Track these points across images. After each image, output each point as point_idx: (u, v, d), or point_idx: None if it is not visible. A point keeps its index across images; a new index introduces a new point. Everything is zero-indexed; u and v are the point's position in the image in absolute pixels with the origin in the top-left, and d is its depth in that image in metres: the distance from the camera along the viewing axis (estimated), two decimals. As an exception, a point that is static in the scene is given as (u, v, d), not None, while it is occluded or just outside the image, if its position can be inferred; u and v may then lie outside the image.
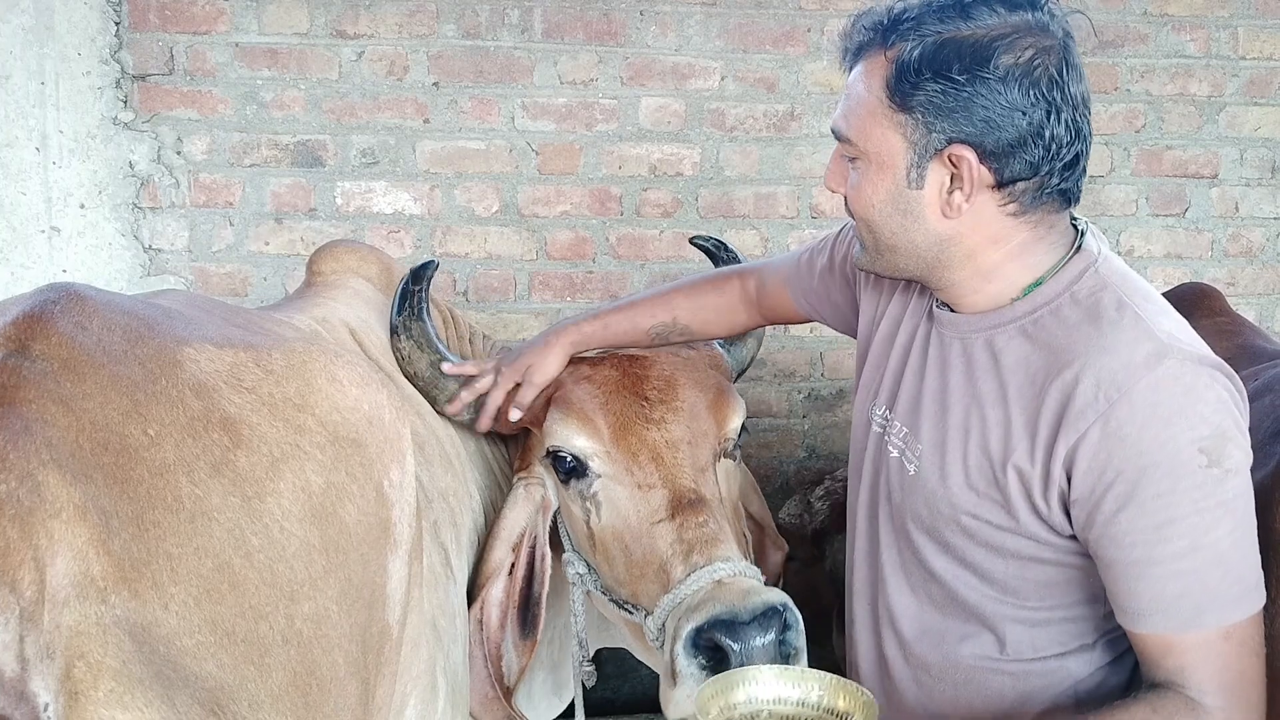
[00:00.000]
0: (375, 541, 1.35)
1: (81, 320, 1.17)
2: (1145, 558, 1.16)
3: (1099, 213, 3.32)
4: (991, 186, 1.25)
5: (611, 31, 3.08)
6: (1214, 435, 1.15)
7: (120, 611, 0.96)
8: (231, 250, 3.01)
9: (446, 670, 1.61)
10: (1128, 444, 1.16)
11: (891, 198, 1.29)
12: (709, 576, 1.50)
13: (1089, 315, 1.24)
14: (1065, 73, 1.21)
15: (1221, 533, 1.15)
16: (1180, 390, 1.16)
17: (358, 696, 1.29)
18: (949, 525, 1.33)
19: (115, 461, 1.06)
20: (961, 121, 1.21)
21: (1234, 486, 1.16)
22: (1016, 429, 1.25)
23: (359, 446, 1.35)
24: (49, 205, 2.89)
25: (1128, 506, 1.16)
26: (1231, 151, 3.36)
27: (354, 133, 3.02)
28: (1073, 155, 1.23)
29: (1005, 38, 1.19)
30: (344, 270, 1.94)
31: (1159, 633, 1.18)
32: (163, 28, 2.92)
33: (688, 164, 3.15)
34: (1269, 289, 3.42)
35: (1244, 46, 3.32)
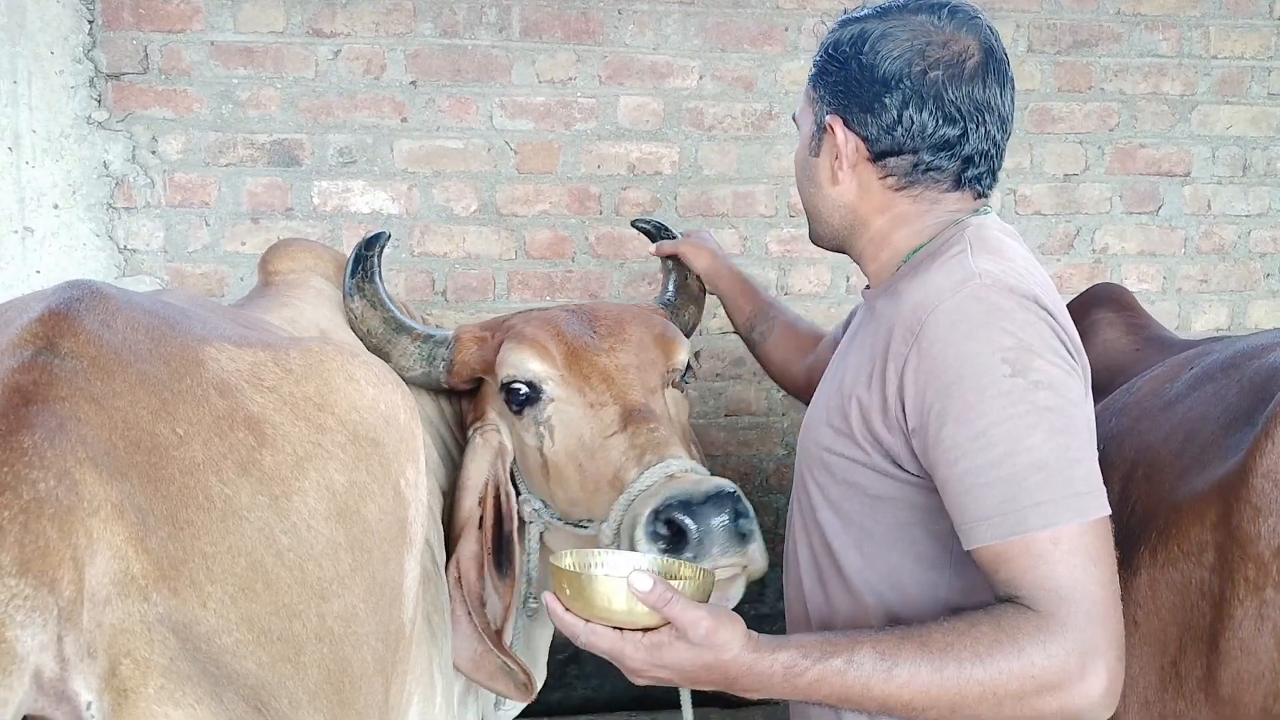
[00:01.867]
0: (394, 540, 1.35)
1: (106, 318, 1.17)
2: (966, 469, 1.18)
3: (1073, 210, 3.35)
4: (869, 160, 1.39)
5: (590, 30, 3.08)
6: (1017, 347, 1.19)
7: (162, 609, 0.96)
8: (208, 250, 2.99)
9: (441, 666, 1.63)
10: (937, 362, 1.21)
11: (802, 164, 1.49)
12: (662, 472, 1.56)
13: (929, 262, 1.33)
14: (945, 69, 1.33)
15: (1038, 438, 1.16)
16: (982, 309, 1.22)
17: (384, 693, 1.30)
18: (817, 464, 1.40)
19: (148, 460, 1.06)
20: (839, 94, 1.38)
21: (1046, 397, 1.18)
22: (862, 364, 1.34)
23: (377, 445, 1.36)
24: (22, 205, 2.86)
25: (946, 422, 1.20)
26: (1204, 149, 3.40)
27: (331, 132, 3.01)
28: (942, 139, 1.35)
29: (895, 28, 1.35)
30: (302, 269, 1.91)
31: (988, 543, 1.18)
32: (137, 26, 2.89)
33: (666, 163, 3.15)
34: (1241, 285, 3.47)
35: (1215, 45, 3.36)
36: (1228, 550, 1.39)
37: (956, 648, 1.14)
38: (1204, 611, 1.42)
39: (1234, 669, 1.36)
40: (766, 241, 3.22)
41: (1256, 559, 1.34)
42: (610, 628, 1.18)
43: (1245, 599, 1.35)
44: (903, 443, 1.27)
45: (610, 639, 1.18)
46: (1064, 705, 1.14)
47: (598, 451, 1.67)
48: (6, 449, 0.94)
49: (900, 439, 1.28)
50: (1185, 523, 1.46)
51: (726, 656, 1.15)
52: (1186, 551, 1.45)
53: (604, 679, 3.21)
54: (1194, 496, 1.47)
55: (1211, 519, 1.42)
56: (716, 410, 3.27)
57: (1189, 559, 1.44)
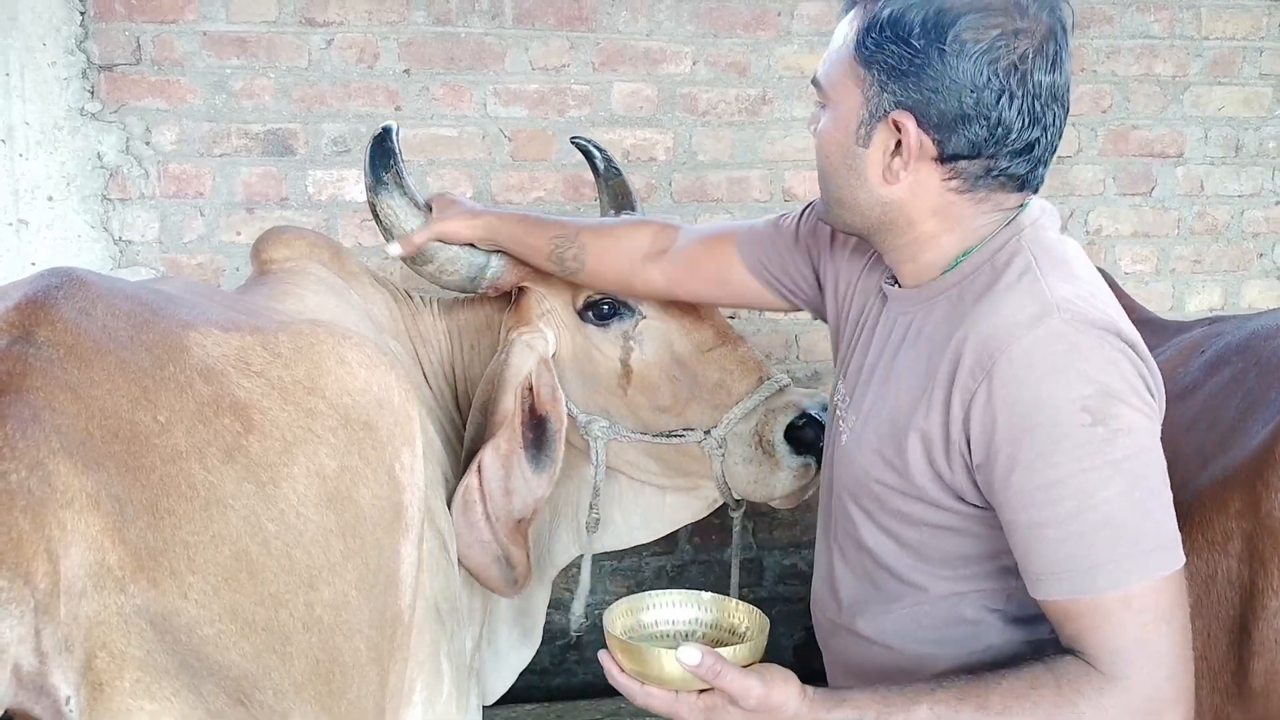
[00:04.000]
0: (389, 525, 1.33)
1: (85, 306, 1.15)
2: (1036, 520, 1.15)
3: (1067, 192, 3.36)
4: (935, 159, 1.24)
5: (582, 17, 3.08)
6: (1098, 394, 1.12)
7: (140, 601, 0.94)
8: (203, 241, 2.99)
9: (450, 654, 1.61)
10: (1009, 405, 1.15)
11: (842, 151, 1.30)
12: (775, 386, 1.83)
13: (993, 279, 1.24)
14: (1032, 59, 1.19)
15: (1111, 493, 1.11)
16: (1062, 349, 1.14)
17: (378, 682, 1.28)
18: (865, 493, 1.34)
19: (126, 449, 1.04)
20: (910, 88, 1.21)
21: (1124, 446, 1.12)
22: (918, 393, 1.26)
23: (370, 429, 1.33)
24: (16, 198, 2.86)
25: (1016, 468, 1.15)
26: (1196, 131, 3.40)
27: (325, 121, 3.01)
28: (1024, 143, 1.22)
29: (974, 12, 1.18)
30: (299, 256, 1.88)
31: (1056, 598, 1.16)
32: (129, 17, 2.88)
33: (660, 149, 3.16)
34: (1234, 266, 3.48)
35: (1207, 27, 3.36)
36: (1257, 539, 1.36)
37: (1014, 711, 1.12)
38: (1232, 601, 1.40)
39: (1267, 660, 1.34)
40: (761, 227, 3.22)
41: None
42: (667, 690, 1.19)
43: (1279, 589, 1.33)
44: (965, 476, 1.23)
45: (666, 701, 1.19)
46: None
47: (696, 364, 1.85)
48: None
49: (963, 473, 1.23)
50: (1209, 511, 1.43)
51: (783, 716, 1.15)
52: (1211, 540, 1.42)
53: (604, 664, 3.22)
54: (1217, 484, 1.44)
55: (1236, 506, 1.40)
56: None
57: (1214, 548, 1.42)
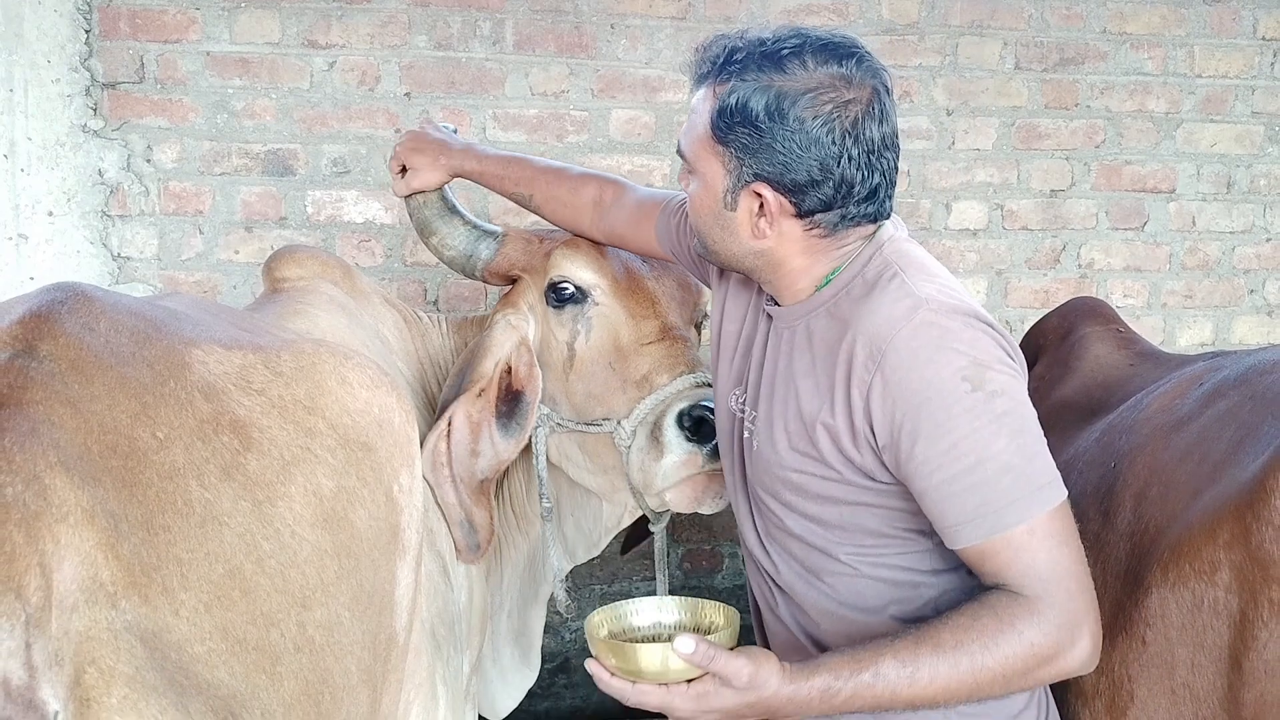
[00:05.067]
0: (385, 547, 1.33)
1: (89, 321, 1.15)
2: (942, 480, 1.31)
3: (1059, 226, 3.39)
4: (794, 215, 1.42)
5: (583, 44, 3.11)
6: (971, 364, 1.31)
7: (131, 617, 0.94)
8: (201, 259, 3.01)
9: (445, 678, 1.61)
10: (903, 387, 1.32)
11: (713, 214, 1.48)
12: (692, 381, 1.84)
13: (867, 289, 1.41)
14: (862, 121, 1.37)
15: (1001, 444, 1.30)
16: (936, 334, 1.32)
17: (368, 704, 1.27)
18: (784, 485, 1.48)
19: (124, 465, 1.04)
20: (764, 161, 1.39)
21: (1002, 404, 1.31)
22: (821, 391, 1.42)
23: (369, 450, 1.33)
24: (17, 212, 2.87)
25: (919, 440, 1.32)
26: (1189, 167, 3.44)
27: (325, 142, 3.03)
28: (868, 190, 1.40)
29: (807, 92, 1.35)
30: (311, 276, 1.90)
31: (973, 543, 1.32)
32: (133, 36, 2.91)
33: (658, 175, 3.18)
34: (1225, 301, 3.50)
35: (1200, 64, 3.40)
36: (1247, 570, 1.37)
37: (966, 643, 1.28)
38: (1219, 631, 1.40)
39: (1258, 691, 1.34)
40: (756, 254, 3.25)
41: None
42: (657, 684, 1.28)
43: (1270, 621, 1.34)
44: (873, 458, 1.39)
45: (659, 695, 1.28)
46: (1061, 670, 1.31)
47: (632, 355, 1.90)
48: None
49: (870, 455, 1.39)
50: (1198, 541, 1.45)
51: (767, 693, 1.26)
52: (1199, 570, 1.44)
53: (591, 689, 3.22)
54: (1207, 515, 1.45)
55: (1225, 538, 1.41)
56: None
57: (1200, 578, 1.43)
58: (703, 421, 1.77)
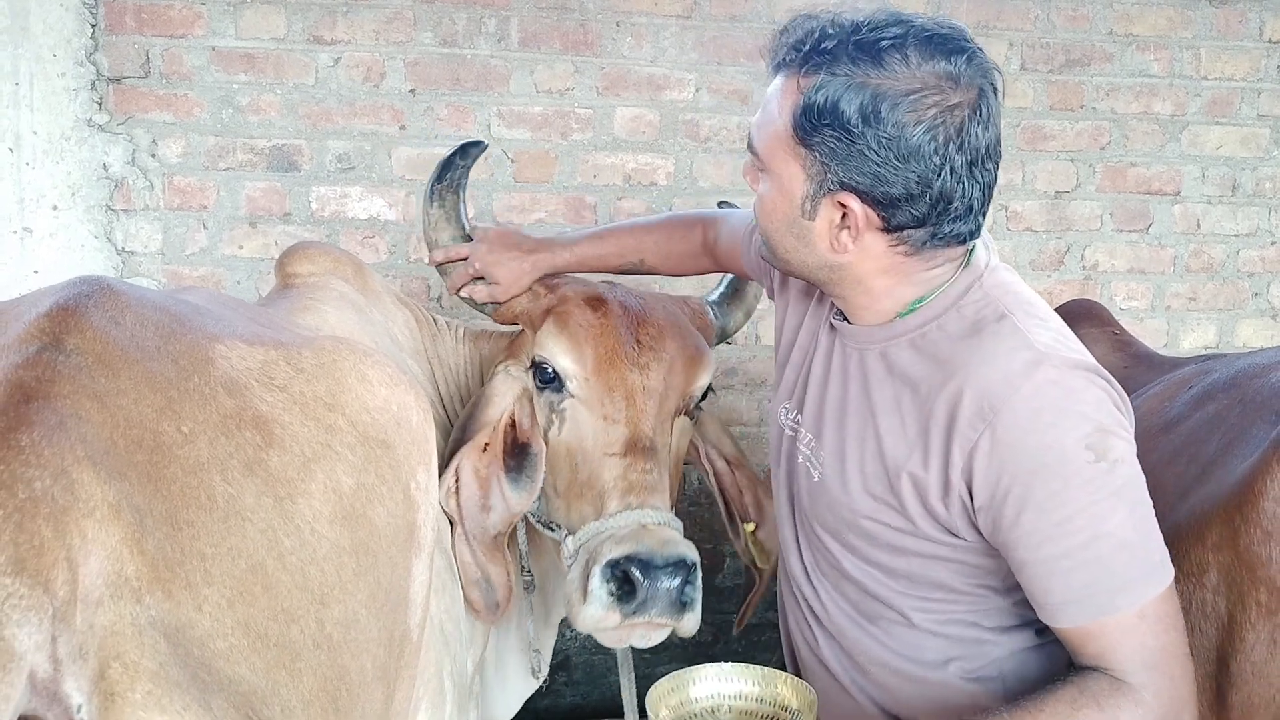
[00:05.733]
0: (402, 544, 1.33)
1: (115, 315, 1.15)
2: (1051, 555, 1.21)
3: (1064, 227, 3.39)
4: (881, 229, 1.28)
5: (588, 42, 3.11)
6: (1096, 431, 1.20)
7: (155, 612, 0.94)
8: (205, 253, 3.01)
9: (453, 674, 1.61)
10: (1016, 450, 1.21)
11: (787, 220, 1.33)
12: (637, 518, 1.66)
13: (972, 328, 1.29)
14: (967, 127, 1.22)
15: (1118, 520, 1.20)
16: (1059, 394, 1.21)
17: (383, 701, 1.27)
18: (851, 529, 1.39)
19: (149, 459, 1.04)
20: (853, 170, 1.23)
21: (1122, 475, 1.21)
22: (910, 438, 1.30)
23: (387, 447, 1.34)
24: (21, 206, 2.88)
25: (1027, 509, 1.21)
26: (1194, 169, 3.43)
27: (330, 138, 3.03)
28: (965, 206, 1.26)
29: (910, 94, 1.20)
30: (323, 272, 1.89)
31: (1078, 624, 1.23)
32: (139, 30, 2.92)
33: (662, 174, 3.18)
34: (1229, 304, 3.50)
35: (1206, 67, 3.39)
36: (1235, 573, 1.38)
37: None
38: (1206, 633, 1.42)
39: (1245, 693, 1.36)
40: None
41: (1269, 583, 1.34)
42: None
43: (1257, 623, 1.35)
44: (962, 518, 1.29)
45: None
46: None
47: (593, 463, 1.75)
48: (4, 446, 0.93)
49: (960, 514, 1.29)
50: (1186, 544, 1.45)
51: None
52: (1187, 572, 1.44)
53: (592, 686, 3.22)
54: (1194, 518, 1.46)
55: (1213, 540, 1.42)
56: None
57: (1189, 580, 1.44)
58: (628, 579, 1.59)
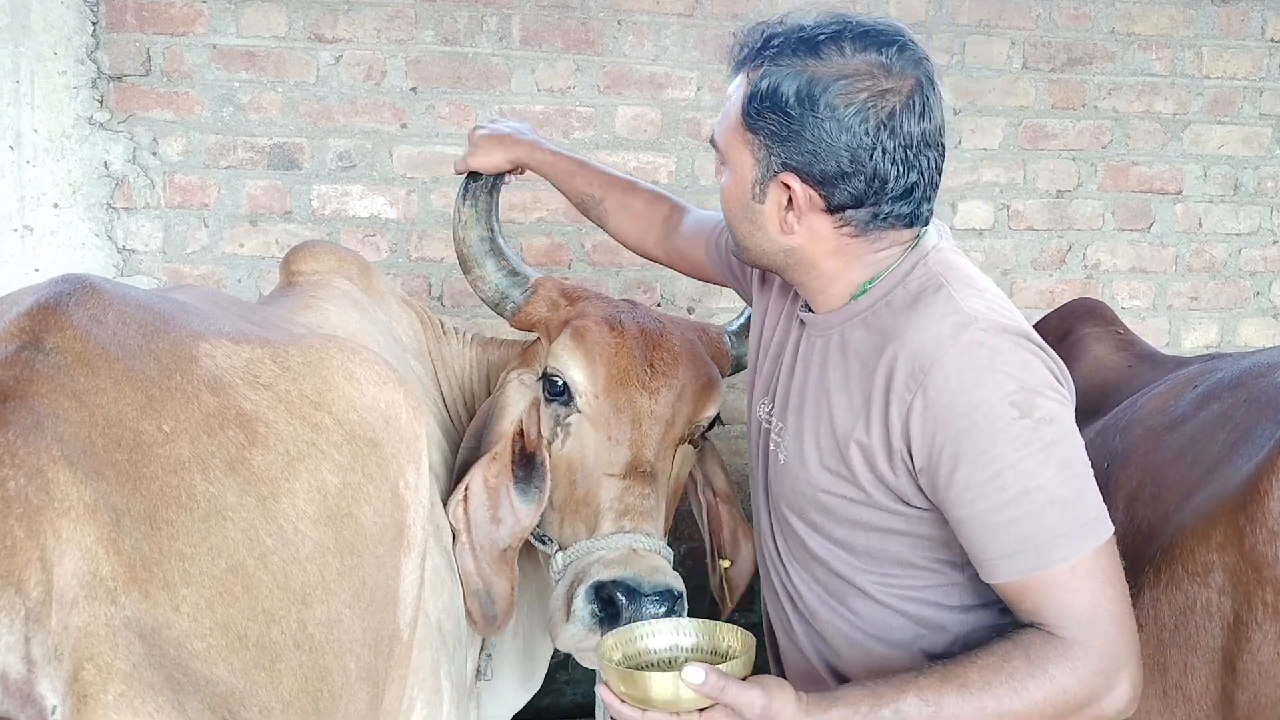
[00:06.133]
0: (390, 543, 1.33)
1: (96, 313, 1.14)
2: (983, 510, 1.24)
3: (1066, 226, 3.38)
4: (824, 210, 1.35)
5: (589, 40, 3.11)
6: (1020, 389, 1.24)
7: (131, 613, 0.94)
8: (206, 252, 3.01)
9: (451, 674, 1.60)
10: (946, 409, 1.25)
11: (742, 206, 1.42)
12: (628, 543, 1.68)
13: (912, 300, 1.34)
14: (899, 113, 1.29)
15: (1048, 476, 1.23)
16: (984, 355, 1.25)
17: (368, 702, 1.26)
18: (812, 505, 1.43)
19: (128, 458, 1.04)
20: (793, 151, 1.32)
21: (1051, 433, 1.23)
22: (855, 407, 1.35)
23: (375, 446, 1.33)
24: (22, 204, 2.88)
25: (960, 466, 1.25)
26: (1195, 168, 3.43)
27: (331, 136, 3.03)
28: (903, 188, 1.32)
29: (842, 78, 1.28)
30: (327, 270, 1.89)
31: (1012, 578, 1.25)
32: (140, 28, 2.91)
33: (663, 172, 3.18)
34: (1231, 303, 3.49)
35: (1208, 66, 3.39)
36: (1240, 572, 1.38)
37: (994, 685, 1.21)
38: (1211, 633, 1.42)
39: (1251, 692, 1.35)
40: (761, 252, 3.24)
41: (1275, 583, 1.34)
42: (669, 714, 1.22)
43: (1264, 623, 1.34)
44: (908, 481, 1.32)
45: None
46: (1095, 716, 1.23)
47: (592, 481, 1.75)
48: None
49: (906, 478, 1.32)
50: (1190, 543, 1.45)
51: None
52: (1191, 572, 1.45)
53: (593, 685, 3.22)
54: (1199, 517, 1.46)
55: (1218, 540, 1.42)
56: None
57: (1194, 580, 1.44)
58: (612, 602, 1.61)
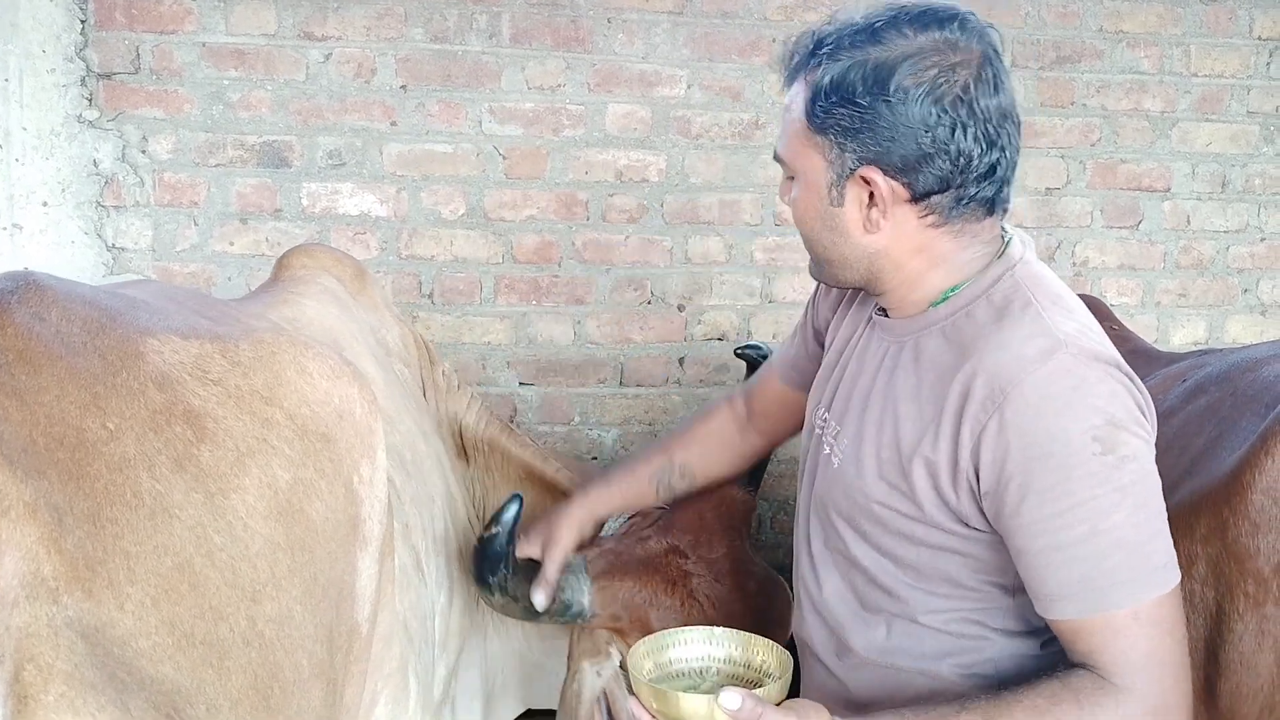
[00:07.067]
0: (344, 539, 1.32)
1: (39, 310, 1.13)
2: (1048, 545, 1.20)
3: (1054, 224, 3.39)
4: (908, 200, 1.29)
5: (579, 38, 3.11)
6: (1106, 424, 1.18)
7: (73, 612, 0.93)
8: (195, 250, 3.01)
9: (419, 671, 1.59)
10: (1022, 435, 1.19)
11: (819, 215, 1.35)
12: None
13: (997, 315, 1.28)
14: (974, 87, 1.24)
15: (1120, 517, 1.18)
16: (1071, 383, 1.20)
17: (322, 698, 1.26)
18: (864, 514, 1.38)
19: (71, 457, 1.02)
20: (868, 142, 1.26)
21: (1130, 472, 1.19)
22: (925, 421, 1.29)
23: (328, 441, 1.32)
24: (11, 202, 2.87)
25: (1028, 496, 1.20)
26: (1184, 166, 3.44)
27: (320, 134, 3.03)
28: (987, 166, 1.27)
29: (908, 59, 1.24)
30: (315, 266, 1.88)
31: (1069, 618, 1.21)
32: (129, 26, 2.91)
33: (653, 170, 3.18)
34: (1219, 301, 3.51)
35: (1196, 64, 3.40)
36: (1223, 564, 1.39)
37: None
38: (1194, 624, 1.42)
39: (1233, 682, 1.36)
40: (752, 249, 3.25)
41: (1256, 575, 1.35)
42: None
43: (1245, 614, 1.35)
44: (970, 504, 1.28)
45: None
46: None
47: None
48: None
49: (969, 501, 1.27)
50: (1174, 535, 1.42)
51: None
52: None
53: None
54: (1184, 508, 1.46)
55: (1202, 531, 1.42)
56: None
57: None
58: None
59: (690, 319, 3.26)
